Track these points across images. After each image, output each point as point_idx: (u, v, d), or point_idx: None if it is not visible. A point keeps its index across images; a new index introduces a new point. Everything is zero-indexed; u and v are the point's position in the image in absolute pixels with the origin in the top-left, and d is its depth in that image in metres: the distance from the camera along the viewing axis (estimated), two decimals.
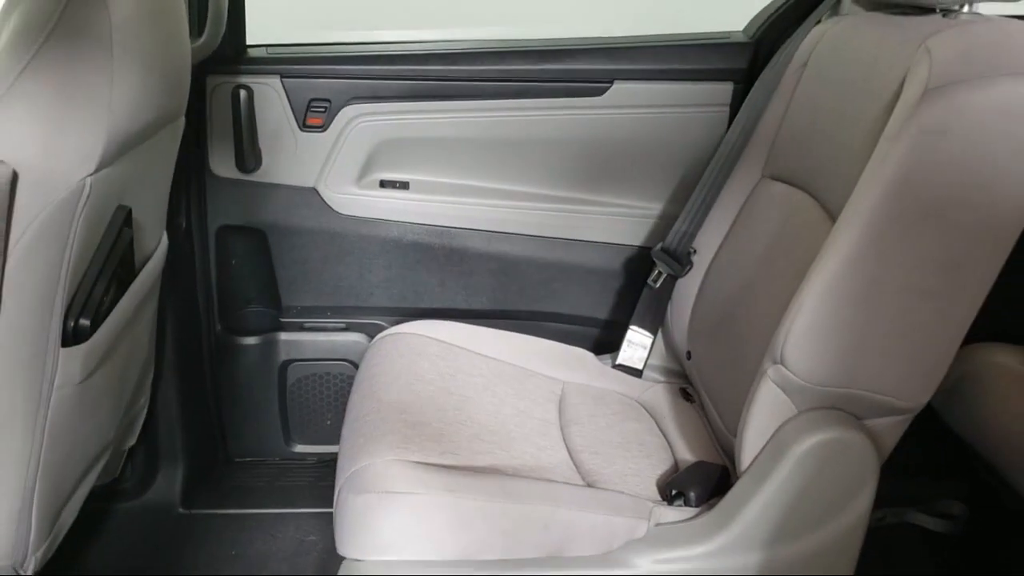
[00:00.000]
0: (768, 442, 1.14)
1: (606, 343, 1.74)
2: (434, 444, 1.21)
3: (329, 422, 1.86)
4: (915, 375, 1.09)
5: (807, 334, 1.08)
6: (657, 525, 1.16)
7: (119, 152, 1.05)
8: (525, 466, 1.23)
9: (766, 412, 1.14)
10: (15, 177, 0.93)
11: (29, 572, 1.14)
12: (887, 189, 1.03)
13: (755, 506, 1.12)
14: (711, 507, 1.17)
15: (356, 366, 1.79)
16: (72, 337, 1.07)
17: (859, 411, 1.12)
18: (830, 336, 1.07)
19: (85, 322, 1.08)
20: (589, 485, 1.23)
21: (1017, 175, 1.01)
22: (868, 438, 1.11)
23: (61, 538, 1.24)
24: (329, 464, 1.85)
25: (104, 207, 1.08)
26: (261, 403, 1.84)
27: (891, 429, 1.14)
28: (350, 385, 1.69)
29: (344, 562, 1.17)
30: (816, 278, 1.08)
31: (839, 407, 1.12)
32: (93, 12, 0.96)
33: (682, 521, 1.17)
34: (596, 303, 1.78)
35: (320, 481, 1.81)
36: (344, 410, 1.41)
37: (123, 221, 1.15)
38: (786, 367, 1.10)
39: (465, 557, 1.12)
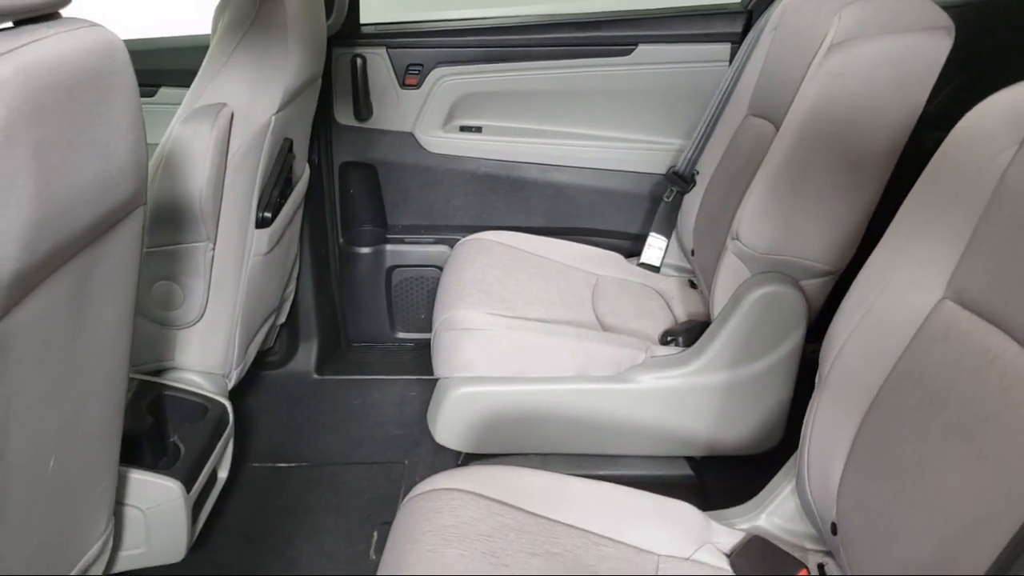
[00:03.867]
0: (730, 297, 1.60)
1: (634, 250, 2.16)
2: (499, 303, 1.72)
3: (423, 315, 2.33)
4: (833, 245, 1.52)
5: (754, 216, 1.53)
6: (652, 357, 1.64)
7: (290, 100, 1.58)
8: (562, 319, 1.72)
9: (729, 275, 1.60)
10: (232, 115, 1.47)
11: (231, 383, 1.70)
12: (805, 114, 1.47)
13: (720, 340, 1.58)
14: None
15: (443, 270, 2.27)
16: (261, 222, 1.61)
17: (794, 273, 1.56)
18: (770, 217, 1.52)
19: (268, 214, 1.62)
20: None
21: (897, 105, 1.42)
22: (800, 292, 1.55)
23: (246, 369, 1.79)
24: (424, 347, 2.36)
25: (278, 137, 1.62)
26: (372, 299, 2.31)
27: (819, 288, 1.58)
28: (438, 285, 2.19)
29: (439, 381, 1.69)
30: (761, 176, 1.53)
31: (780, 271, 1.57)
32: (276, 7, 1.48)
33: (670, 354, 1.65)
34: (626, 219, 2.19)
35: (417, 359, 2.27)
36: (434, 306, 1.87)
37: (288, 148, 1.69)
38: (740, 241, 1.56)
39: (518, 374, 1.62)
